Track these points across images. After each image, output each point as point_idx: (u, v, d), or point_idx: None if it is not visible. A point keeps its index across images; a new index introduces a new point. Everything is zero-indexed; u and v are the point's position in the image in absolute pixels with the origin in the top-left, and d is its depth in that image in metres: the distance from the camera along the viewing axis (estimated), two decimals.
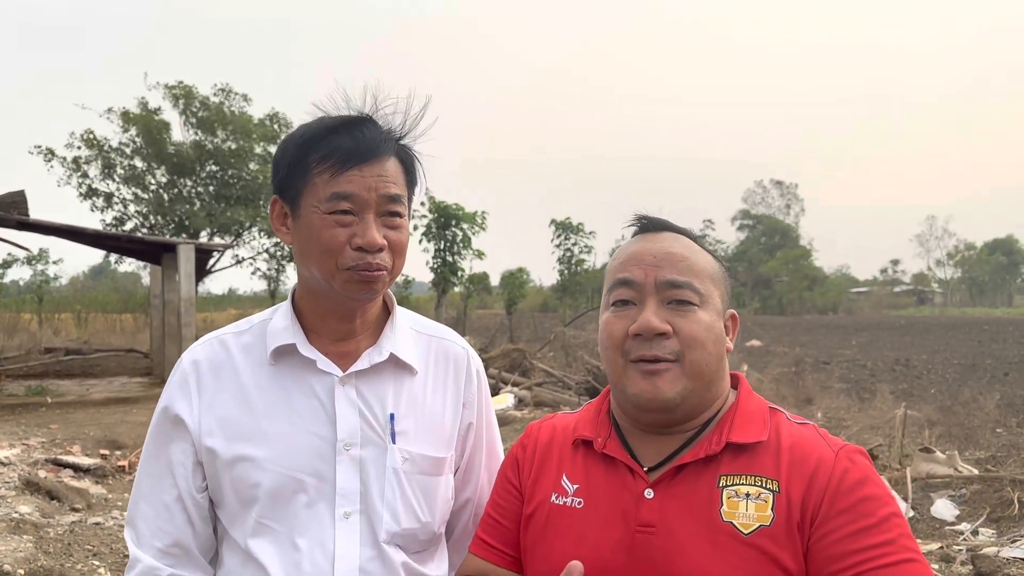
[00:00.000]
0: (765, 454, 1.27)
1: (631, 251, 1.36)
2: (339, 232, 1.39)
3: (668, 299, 1.30)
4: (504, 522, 1.44)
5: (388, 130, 1.45)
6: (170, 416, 1.49)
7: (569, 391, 13.64)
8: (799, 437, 1.29)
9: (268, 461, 1.43)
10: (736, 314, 1.41)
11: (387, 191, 1.40)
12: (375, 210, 1.40)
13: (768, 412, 1.34)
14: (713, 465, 1.28)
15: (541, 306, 49.45)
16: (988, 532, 6.29)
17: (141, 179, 25.33)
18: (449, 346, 1.61)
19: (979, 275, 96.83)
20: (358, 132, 1.41)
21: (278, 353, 1.48)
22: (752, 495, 1.23)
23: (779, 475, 1.24)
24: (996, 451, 8.81)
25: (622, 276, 1.34)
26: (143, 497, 1.49)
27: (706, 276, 1.33)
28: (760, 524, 1.21)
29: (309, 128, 1.44)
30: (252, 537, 1.44)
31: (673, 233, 1.38)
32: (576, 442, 1.41)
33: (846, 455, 1.26)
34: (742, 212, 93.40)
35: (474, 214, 25.01)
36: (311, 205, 1.40)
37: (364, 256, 1.39)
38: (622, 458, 1.33)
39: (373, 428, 1.47)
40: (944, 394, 14.32)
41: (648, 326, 1.27)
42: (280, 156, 1.46)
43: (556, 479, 1.39)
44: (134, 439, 9.23)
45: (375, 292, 1.45)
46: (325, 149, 1.39)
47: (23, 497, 6.49)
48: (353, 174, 1.38)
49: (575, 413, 1.50)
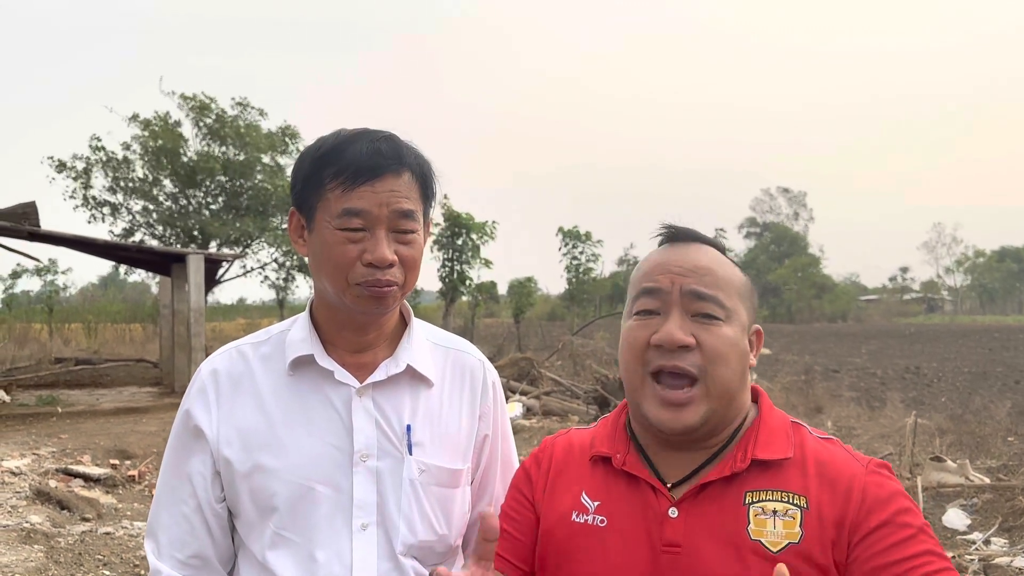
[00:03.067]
0: (791, 470, 1.25)
1: (657, 260, 1.32)
2: (350, 248, 1.39)
3: (693, 312, 1.26)
4: (518, 536, 1.42)
5: (403, 144, 1.45)
6: (189, 426, 1.49)
7: (577, 400, 13.62)
8: (826, 453, 1.27)
9: (285, 471, 1.44)
10: (761, 330, 1.37)
11: (399, 207, 1.40)
12: (387, 226, 1.40)
13: (791, 427, 1.32)
14: (738, 482, 1.25)
15: (549, 315, 49.41)
16: (1000, 542, 6.24)
17: (149, 190, 25.42)
18: (465, 358, 1.61)
19: (989, 282, 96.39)
20: (372, 147, 1.41)
21: (296, 364, 1.49)
22: (779, 512, 1.21)
23: (807, 491, 1.23)
24: (1008, 460, 8.76)
25: (647, 285, 1.30)
26: (163, 507, 1.50)
27: (733, 290, 1.29)
28: (789, 541, 1.19)
29: (325, 142, 1.44)
30: (270, 548, 1.44)
31: (700, 244, 1.33)
32: (594, 458, 1.38)
33: (874, 470, 1.25)
34: (749, 220, 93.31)
35: (483, 224, 25.05)
36: (324, 220, 1.41)
37: (374, 272, 1.39)
38: (644, 476, 1.30)
39: (390, 439, 1.47)
40: (955, 402, 14.24)
41: (671, 338, 1.24)
42: (297, 169, 1.47)
43: (575, 496, 1.36)
44: (144, 449, 9.26)
45: (386, 307, 1.45)
46: (338, 164, 1.40)
47: (34, 507, 6.51)
48: (365, 190, 1.38)
49: (591, 428, 1.47)
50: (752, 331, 1.34)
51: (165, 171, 25.16)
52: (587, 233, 32.65)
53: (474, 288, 26.92)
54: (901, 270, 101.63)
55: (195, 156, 25.21)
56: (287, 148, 25.71)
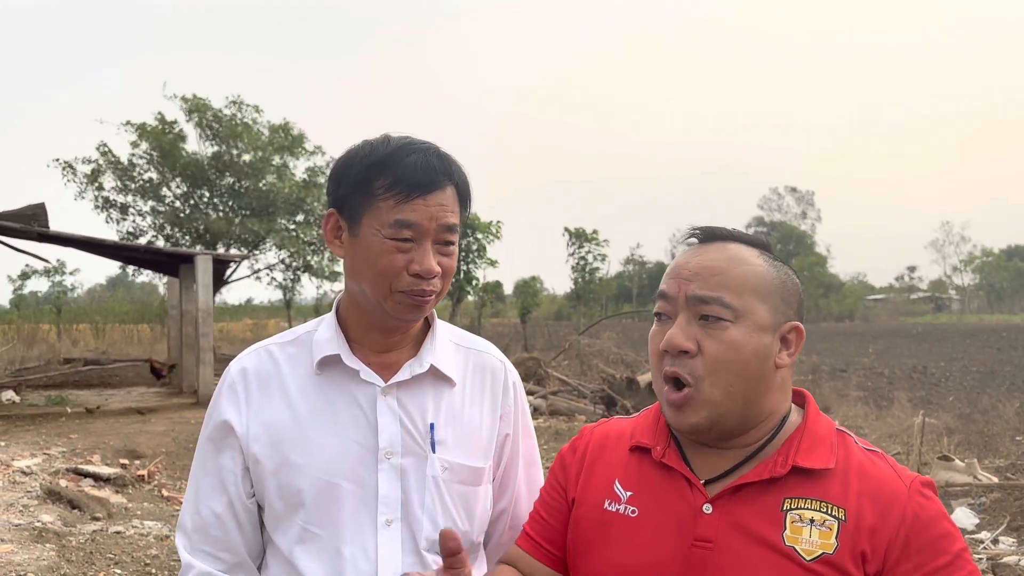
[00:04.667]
0: (832, 480, 1.25)
1: (674, 263, 1.35)
2: (398, 258, 1.43)
3: (699, 314, 1.27)
4: (550, 520, 1.45)
5: (450, 159, 1.49)
6: (219, 423, 1.52)
7: (584, 400, 13.63)
8: (871, 467, 1.27)
9: (312, 468, 1.47)
10: (800, 326, 1.32)
11: (446, 221, 1.45)
12: (433, 238, 1.44)
13: (836, 435, 1.31)
14: (777, 487, 1.25)
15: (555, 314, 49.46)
16: (1008, 541, 6.24)
17: (157, 191, 25.51)
18: (487, 359, 1.65)
19: (997, 281, 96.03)
20: (425, 160, 1.44)
21: (323, 363, 1.52)
22: (817, 521, 1.22)
23: (846, 503, 1.22)
24: (1016, 459, 8.76)
25: (661, 289, 1.33)
26: (194, 503, 1.53)
27: (745, 289, 1.27)
28: (823, 551, 1.20)
29: (376, 149, 1.47)
30: (297, 543, 1.47)
31: (725, 243, 1.32)
32: (633, 448, 1.40)
33: (918, 490, 1.24)
34: (756, 220, 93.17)
35: (489, 224, 25.10)
36: (373, 227, 1.44)
37: (419, 282, 1.43)
38: (681, 469, 1.31)
39: (413, 437, 1.50)
40: (963, 402, 14.22)
41: (671, 343, 1.27)
42: (343, 172, 1.49)
43: (608, 484, 1.38)
44: (152, 448, 9.30)
45: (423, 314, 1.50)
46: (393, 176, 1.42)
47: (45, 506, 6.55)
48: (418, 203, 1.42)
49: (632, 418, 1.49)
50: (787, 328, 1.30)
51: (173, 172, 25.24)
52: (594, 232, 32.72)
53: (480, 288, 26.97)
54: (908, 269, 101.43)
55: (199, 157, 25.30)
56: (296, 149, 25.73)
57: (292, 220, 25.75)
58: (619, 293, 56.23)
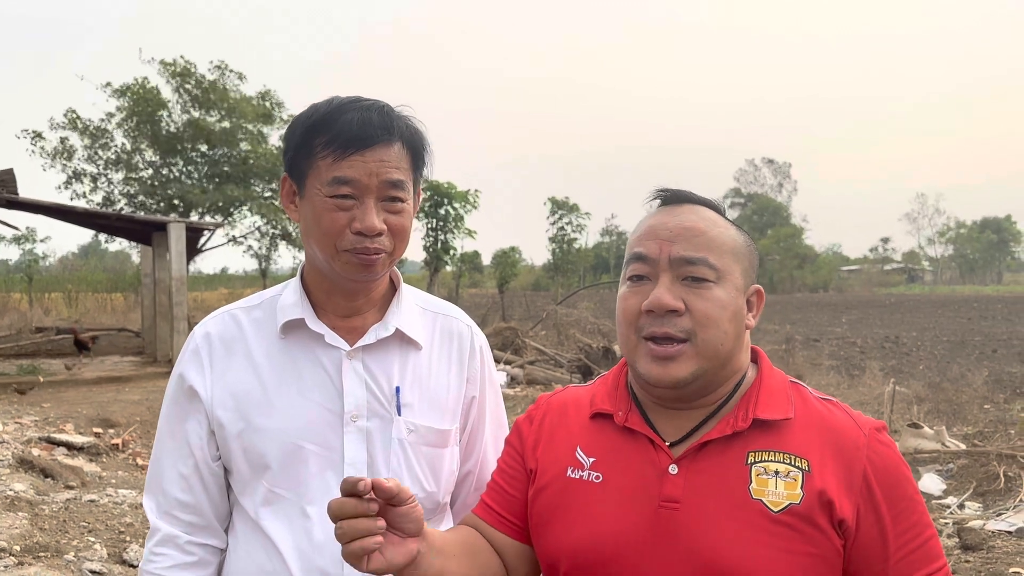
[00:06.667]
0: (793, 430, 1.27)
1: (649, 224, 1.33)
2: (339, 216, 1.41)
3: (683, 275, 1.26)
4: (509, 490, 1.43)
5: (395, 114, 1.46)
6: (184, 388, 1.52)
7: (561, 369, 13.70)
8: (828, 415, 1.29)
9: (277, 431, 1.47)
10: (762, 290, 1.36)
11: (388, 176, 1.42)
12: (376, 195, 1.42)
13: (791, 387, 1.33)
14: (740, 441, 1.26)
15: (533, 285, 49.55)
16: (974, 506, 6.37)
17: (129, 159, 25.04)
18: (453, 323, 1.64)
19: (970, 253, 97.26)
20: (364, 116, 1.42)
21: (288, 327, 1.52)
22: (782, 472, 1.23)
23: (809, 453, 1.24)
24: (983, 427, 8.91)
25: (638, 250, 1.31)
26: (161, 467, 1.53)
27: (725, 251, 1.29)
28: (790, 502, 1.21)
29: (318, 109, 1.46)
30: (263, 506, 1.48)
31: (694, 205, 1.33)
32: (594, 415, 1.39)
33: (875, 436, 1.26)
34: (733, 191, 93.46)
35: (466, 193, 24.97)
36: (315, 187, 1.43)
37: (363, 240, 1.42)
38: (645, 432, 1.31)
39: (379, 400, 1.50)
40: (933, 371, 14.44)
41: (659, 303, 1.25)
42: (289, 135, 1.48)
43: (570, 452, 1.37)
44: (127, 418, 9.25)
45: (374, 274, 1.48)
46: (329, 132, 1.41)
47: (17, 475, 6.51)
48: (355, 159, 1.40)
49: (589, 386, 1.47)
50: (751, 291, 1.34)
51: (145, 139, 24.78)
52: (574, 204, 32.73)
53: (458, 258, 26.90)
54: (882, 241, 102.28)
55: (178, 123, 24.85)
56: (272, 117, 25.36)
57: (268, 187, 25.46)
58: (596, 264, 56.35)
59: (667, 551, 1.23)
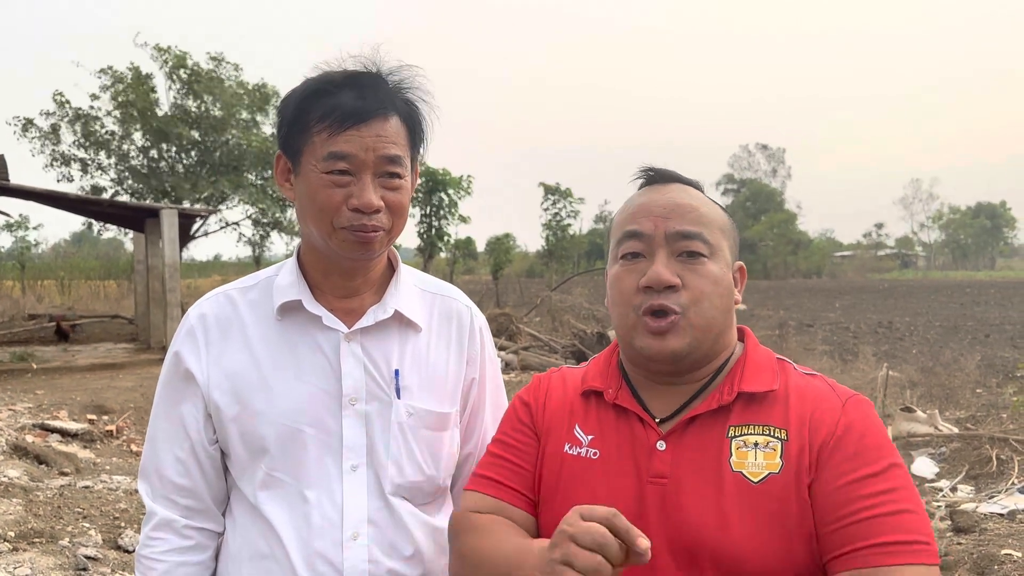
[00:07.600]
0: (774, 404, 1.28)
1: (640, 203, 1.33)
2: (336, 192, 1.37)
3: (678, 251, 1.28)
4: (522, 464, 1.41)
5: (392, 87, 1.42)
6: (180, 369, 1.49)
7: (556, 355, 13.72)
8: (808, 387, 1.30)
9: (274, 415, 1.44)
10: (744, 266, 1.40)
11: (386, 152, 1.38)
12: (373, 170, 1.38)
13: (776, 363, 1.35)
14: (723, 416, 1.28)
15: (527, 271, 49.53)
16: (967, 489, 6.41)
17: (119, 146, 24.83)
18: (453, 303, 1.62)
19: (963, 238, 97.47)
20: (359, 89, 1.38)
21: (284, 309, 1.49)
22: (760, 444, 1.24)
23: (788, 424, 1.25)
24: (976, 411, 8.95)
25: (631, 228, 1.31)
26: (156, 450, 1.51)
27: (716, 227, 1.31)
28: (769, 472, 1.22)
29: (311, 83, 1.42)
30: (261, 489, 1.46)
31: (681, 184, 1.36)
32: (587, 393, 1.40)
33: (854, 405, 1.27)
34: (727, 177, 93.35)
35: (460, 179, 24.90)
36: (310, 163, 1.39)
37: (360, 217, 1.38)
38: (634, 409, 1.33)
39: (378, 383, 1.48)
40: (926, 355, 14.50)
41: (658, 278, 1.27)
42: (283, 111, 1.44)
43: (568, 429, 1.38)
44: (121, 404, 9.23)
45: (372, 252, 1.44)
46: (324, 107, 1.37)
47: (11, 461, 6.49)
48: (351, 134, 1.36)
49: (582, 367, 1.48)
50: (735, 267, 1.37)
51: (135, 125, 24.57)
52: (567, 189, 32.65)
53: (452, 245, 26.85)
54: (876, 226, 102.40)
55: (168, 111, 24.65)
56: (265, 105, 25.17)
57: (260, 176, 25.31)
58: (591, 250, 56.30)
59: (658, 526, 1.25)
